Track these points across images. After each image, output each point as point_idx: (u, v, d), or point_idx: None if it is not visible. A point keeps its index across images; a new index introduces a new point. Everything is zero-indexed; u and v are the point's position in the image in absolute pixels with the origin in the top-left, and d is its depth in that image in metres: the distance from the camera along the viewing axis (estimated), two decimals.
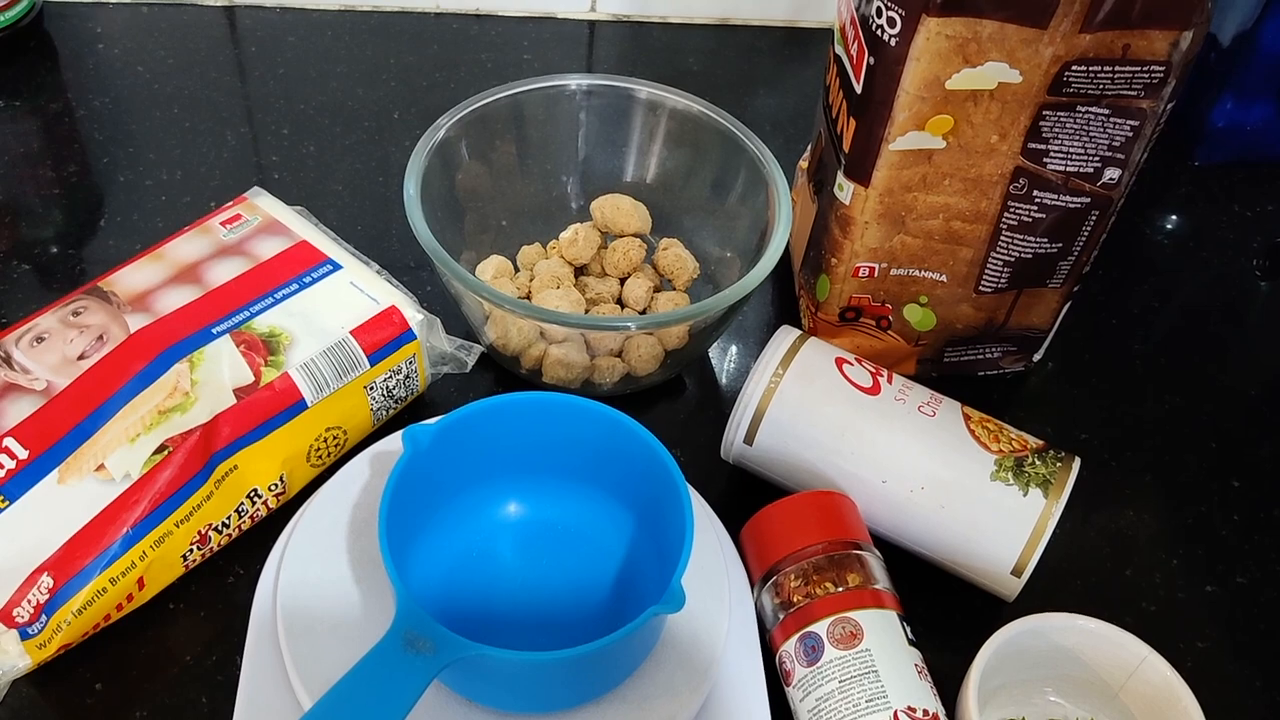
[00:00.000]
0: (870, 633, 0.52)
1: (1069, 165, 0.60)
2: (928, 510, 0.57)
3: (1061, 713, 0.56)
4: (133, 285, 0.61)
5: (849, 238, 0.64)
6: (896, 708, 0.50)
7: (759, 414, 0.60)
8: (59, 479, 0.54)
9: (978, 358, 0.70)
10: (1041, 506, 0.56)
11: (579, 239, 0.70)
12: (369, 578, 0.53)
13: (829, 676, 0.51)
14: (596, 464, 0.54)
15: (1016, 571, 0.56)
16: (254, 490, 0.58)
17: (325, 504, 0.55)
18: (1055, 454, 0.58)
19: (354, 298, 0.62)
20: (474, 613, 0.52)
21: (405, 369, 0.62)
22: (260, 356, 0.58)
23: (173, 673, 0.55)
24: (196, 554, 0.57)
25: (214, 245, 0.64)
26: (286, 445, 0.58)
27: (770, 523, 0.57)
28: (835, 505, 0.57)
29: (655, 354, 0.65)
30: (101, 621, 0.54)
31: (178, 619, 0.57)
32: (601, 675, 0.49)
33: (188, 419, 0.56)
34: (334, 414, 0.60)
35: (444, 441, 0.51)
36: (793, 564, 0.55)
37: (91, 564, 0.52)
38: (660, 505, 0.51)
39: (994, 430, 0.59)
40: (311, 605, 0.52)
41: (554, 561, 0.55)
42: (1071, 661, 0.55)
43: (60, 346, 0.58)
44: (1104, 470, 0.67)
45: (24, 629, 0.51)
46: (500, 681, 0.47)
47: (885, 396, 0.59)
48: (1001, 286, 0.65)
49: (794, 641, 0.53)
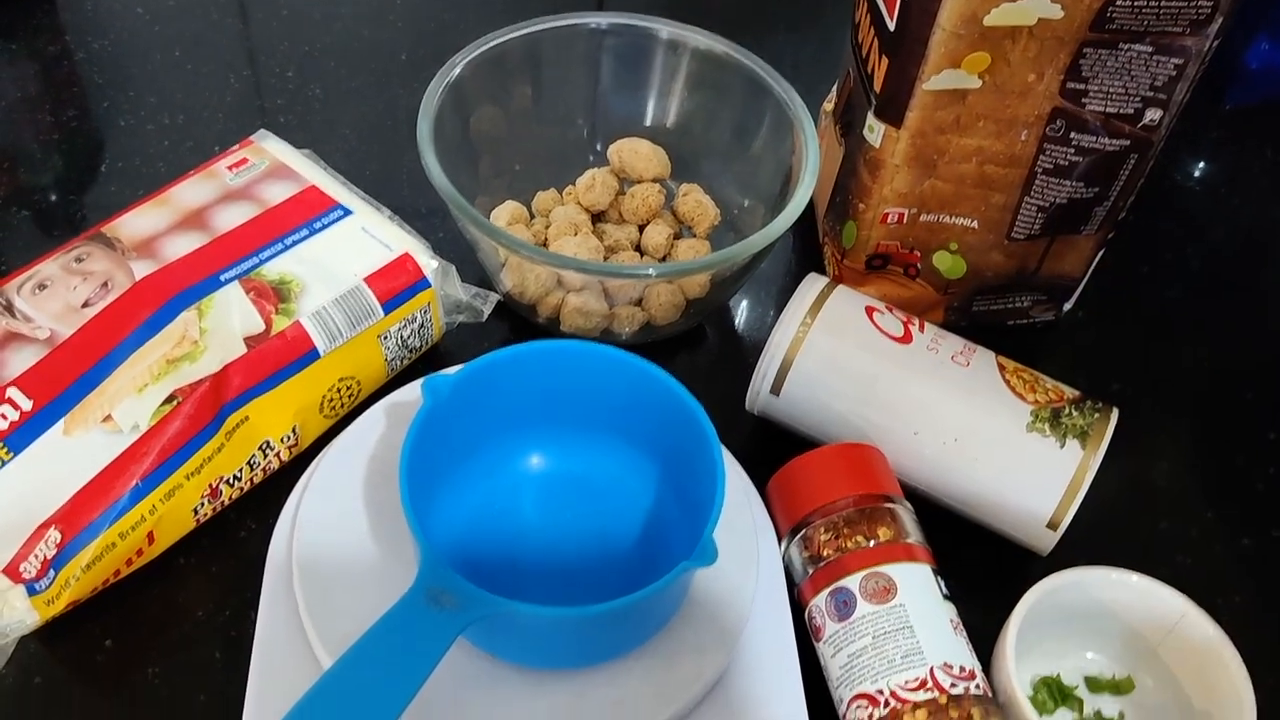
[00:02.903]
0: (904, 587, 0.50)
1: (1108, 106, 0.57)
2: (961, 462, 0.56)
3: (1098, 669, 0.55)
4: (137, 231, 0.59)
5: (878, 182, 0.61)
6: (932, 664, 0.48)
7: (786, 364, 0.58)
8: (64, 430, 0.52)
9: (1007, 307, 0.68)
10: (1079, 458, 0.54)
11: (596, 184, 0.67)
12: (388, 531, 0.51)
13: (862, 632, 0.50)
14: (622, 415, 0.52)
15: (1052, 525, 0.55)
16: (266, 442, 0.56)
17: (341, 456, 0.53)
18: (1093, 405, 0.57)
19: (366, 244, 0.60)
20: (496, 568, 0.51)
21: (420, 318, 0.60)
22: (271, 304, 0.56)
23: (185, 629, 0.54)
24: (208, 507, 0.55)
25: (220, 190, 0.62)
26: (299, 396, 0.57)
27: (798, 475, 0.55)
28: (865, 457, 0.55)
29: (676, 303, 0.63)
30: (111, 577, 0.52)
31: (189, 574, 0.55)
32: (629, 631, 0.47)
33: (197, 368, 0.54)
34: (347, 364, 0.58)
35: (465, 392, 0.49)
36: (822, 517, 0.53)
37: (100, 518, 0.51)
38: (688, 457, 0.50)
39: (1029, 380, 0.57)
40: (328, 559, 0.50)
41: (578, 516, 0.53)
42: (1109, 617, 0.53)
43: (63, 294, 0.56)
44: (1137, 422, 0.65)
45: (31, 585, 0.50)
46: (525, 637, 0.46)
47: (917, 346, 0.57)
48: (1034, 233, 0.63)
49: (824, 596, 0.52)
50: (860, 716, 0.49)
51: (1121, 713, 0.53)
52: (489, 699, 0.47)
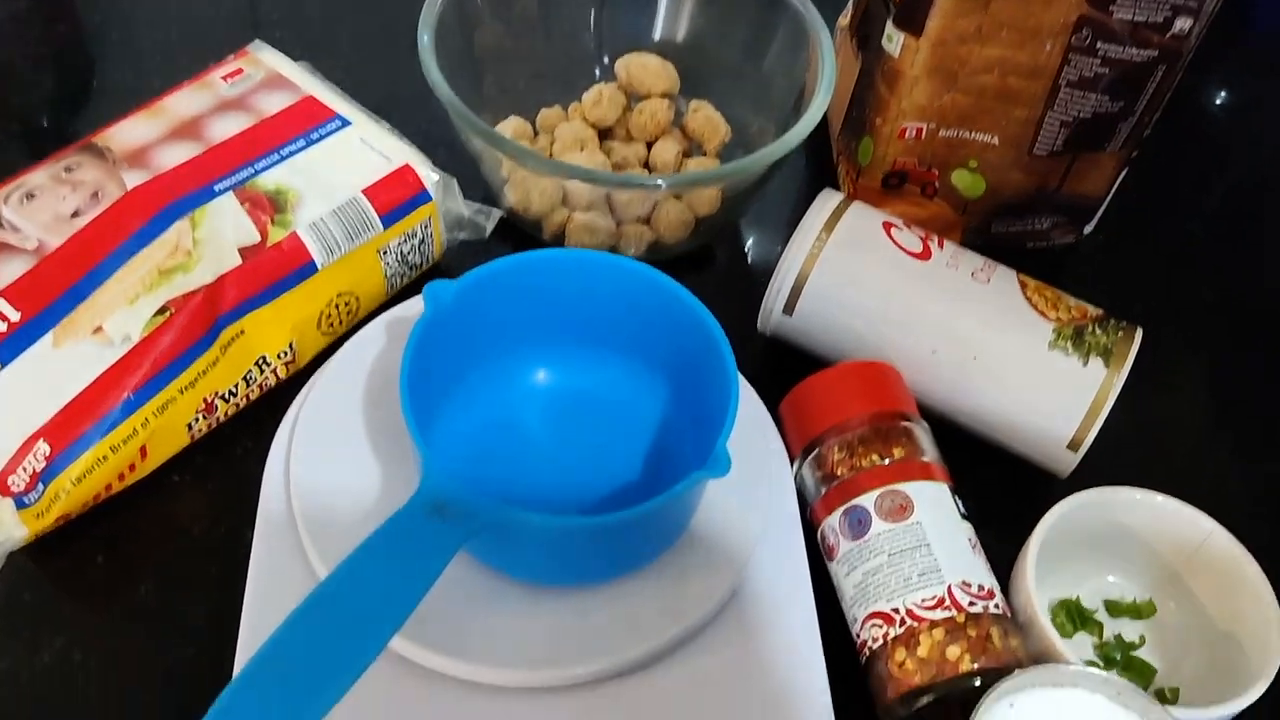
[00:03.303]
0: (920, 505, 0.49)
1: (1137, 14, 0.55)
2: (980, 381, 0.54)
3: (1119, 593, 0.53)
4: (129, 141, 0.57)
5: (896, 95, 0.59)
6: (950, 582, 0.47)
7: (800, 281, 0.56)
8: (54, 342, 0.51)
9: (1026, 229, 0.66)
10: (1102, 377, 0.53)
11: (603, 100, 0.65)
12: (388, 447, 0.49)
13: (877, 550, 0.48)
14: (629, 327, 0.50)
15: (1073, 446, 0.53)
16: (262, 358, 0.55)
17: (339, 370, 0.52)
18: (1116, 323, 0.55)
19: (365, 155, 0.58)
20: (500, 486, 0.49)
21: (420, 233, 0.58)
22: (266, 215, 0.54)
23: (180, 545, 0.52)
24: (202, 423, 0.53)
25: (215, 100, 0.60)
26: (296, 310, 0.55)
27: (812, 394, 0.53)
28: (881, 375, 0.53)
29: (685, 221, 0.61)
30: (103, 492, 0.51)
31: (184, 491, 0.54)
32: (638, 546, 0.46)
33: (190, 279, 0.52)
34: (345, 279, 0.56)
35: (468, 300, 0.47)
36: (836, 436, 0.52)
37: (90, 430, 0.49)
38: (699, 369, 0.48)
39: (1051, 298, 0.55)
40: (326, 476, 0.48)
41: (584, 433, 0.51)
42: (1131, 539, 0.52)
43: (52, 204, 0.54)
44: (1159, 347, 0.63)
45: (20, 498, 0.48)
46: (531, 551, 0.44)
47: (936, 262, 0.55)
48: (1057, 149, 0.61)
49: (838, 515, 0.50)
50: (875, 635, 0.48)
51: (1142, 636, 0.52)
52: (493, 616, 0.45)
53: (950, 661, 0.46)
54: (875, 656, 0.48)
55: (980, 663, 0.45)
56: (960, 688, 0.45)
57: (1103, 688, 0.45)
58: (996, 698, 0.44)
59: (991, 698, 0.43)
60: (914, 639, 0.46)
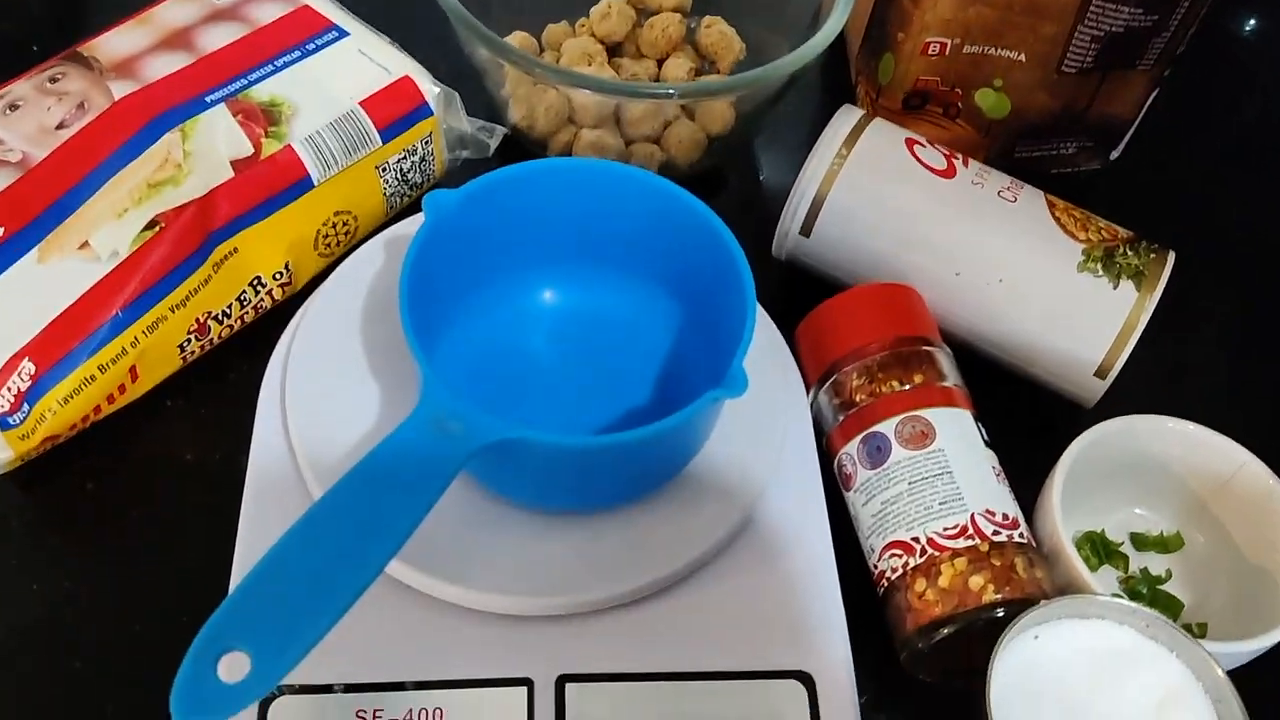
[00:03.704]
0: (942, 432, 0.47)
1: None
2: (1005, 304, 0.52)
3: (1145, 525, 0.51)
4: (116, 51, 0.55)
5: (919, 7, 0.57)
6: (973, 510, 0.45)
7: (819, 200, 0.53)
8: (39, 258, 0.48)
9: (1051, 153, 0.64)
10: (1133, 300, 0.51)
11: (612, 14, 0.62)
12: (387, 370, 0.47)
13: (897, 478, 0.46)
14: (641, 243, 0.48)
15: (1101, 373, 0.51)
16: (257, 278, 0.52)
17: (337, 289, 0.49)
18: (1148, 245, 0.52)
19: (363, 66, 0.55)
20: (504, 407, 0.47)
21: (420, 149, 0.56)
22: (259, 127, 0.52)
23: (172, 472, 0.50)
24: (195, 345, 0.51)
25: (206, 9, 0.57)
26: (291, 229, 0.53)
27: (830, 319, 0.51)
28: (902, 298, 0.51)
29: (697, 140, 0.59)
30: (91, 414, 0.49)
31: (176, 416, 0.52)
32: (650, 469, 0.44)
33: (181, 193, 0.50)
34: (343, 196, 0.54)
35: (471, 211, 0.45)
36: (855, 362, 0.50)
37: (77, 349, 0.47)
38: (713, 287, 0.46)
39: (1081, 219, 0.53)
40: (324, 399, 0.47)
41: (592, 356, 0.49)
42: (1159, 470, 0.50)
43: (36, 115, 0.52)
44: (1189, 277, 0.61)
45: (4, 419, 0.46)
46: (539, 474, 0.42)
47: (961, 180, 0.53)
48: (1087, 66, 0.58)
49: (856, 443, 0.48)
50: (894, 565, 0.46)
51: (1169, 570, 0.50)
52: (499, 544, 0.44)
53: (973, 592, 0.44)
54: (894, 587, 0.46)
55: (1004, 593, 0.44)
56: (982, 619, 0.44)
57: (1131, 619, 0.43)
58: (1021, 629, 0.42)
59: (1016, 629, 0.42)
60: (935, 569, 0.45)
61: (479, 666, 0.42)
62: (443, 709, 0.41)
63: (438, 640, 0.43)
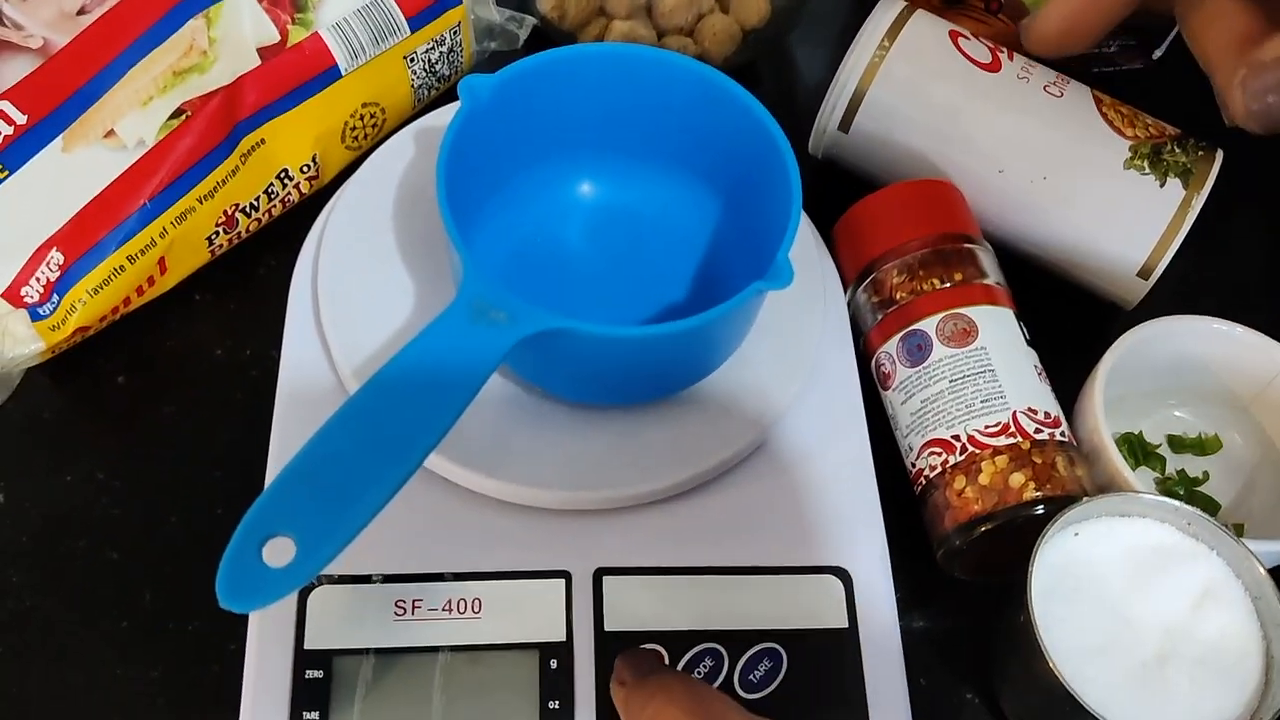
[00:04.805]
0: (984, 330, 0.46)
1: None
2: (1049, 202, 0.51)
3: (1183, 427, 0.51)
4: None
5: None
6: (1015, 408, 0.45)
7: (858, 95, 0.52)
8: (63, 147, 0.48)
9: (1093, 51, 0.62)
10: (1180, 198, 0.49)
11: None
12: (421, 262, 0.46)
13: (938, 376, 0.46)
14: (681, 132, 0.46)
15: (1144, 273, 0.50)
16: (284, 170, 0.51)
17: (367, 181, 0.48)
18: (1196, 143, 0.51)
19: None
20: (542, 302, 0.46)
21: (449, 40, 0.54)
22: (286, 14, 0.51)
23: (202, 366, 0.50)
24: (223, 237, 0.51)
25: None
26: (319, 120, 0.52)
27: (869, 215, 0.50)
28: (943, 195, 0.50)
29: (731, 33, 0.57)
30: (120, 306, 0.48)
31: (206, 310, 0.51)
32: (692, 361, 0.43)
33: (207, 80, 0.49)
34: (371, 87, 0.53)
35: (506, 98, 0.43)
36: (895, 259, 0.49)
37: (106, 239, 0.46)
38: (754, 177, 0.44)
39: (1128, 115, 0.52)
40: (357, 294, 0.46)
41: (631, 249, 0.48)
42: (1199, 371, 0.49)
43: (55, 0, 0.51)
44: (1232, 180, 0.60)
45: (34, 309, 0.46)
46: (580, 365, 0.42)
47: (1006, 74, 0.52)
48: None
49: (895, 341, 0.48)
50: (933, 463, 0.45)
51: (1206, 472, 0.50)
52: (537, 438, 0.43)
53: (1013, 489, 0.44)
54: (932, 485, 0.46)
55: (1045, 491, 0.43)
56: (1021, 516, 0.43)
57: (1172, 517, 0.43)
58: (1062, 525, 0.42)
59: (1057, 525, 0.42)
60: (975, 466, 0.44)
61: (517, 559, 0.42)
62: (481, 599, 0.41)
63: (476, 533, 0.42)
